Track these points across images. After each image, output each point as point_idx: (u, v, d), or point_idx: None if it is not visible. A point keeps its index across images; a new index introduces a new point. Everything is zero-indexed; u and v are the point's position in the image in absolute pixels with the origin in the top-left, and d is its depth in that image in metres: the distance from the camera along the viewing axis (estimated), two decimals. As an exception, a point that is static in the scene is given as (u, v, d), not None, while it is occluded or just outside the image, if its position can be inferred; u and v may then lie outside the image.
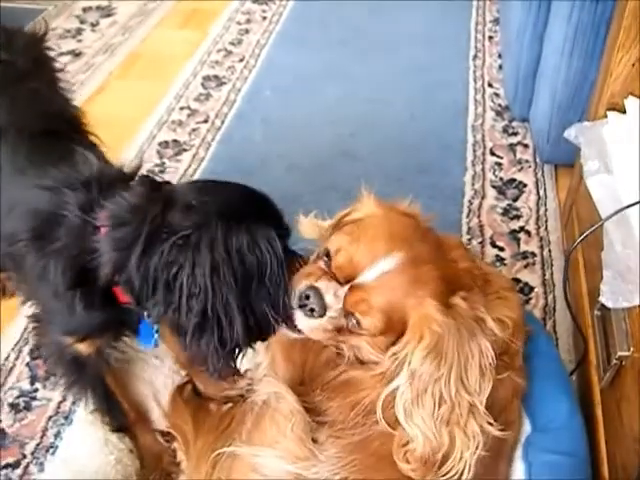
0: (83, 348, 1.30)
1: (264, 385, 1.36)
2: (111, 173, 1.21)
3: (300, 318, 1.20)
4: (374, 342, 1.23)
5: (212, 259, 1.04)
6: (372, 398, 1.21)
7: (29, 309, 1.40)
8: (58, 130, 1.41)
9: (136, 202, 1.12)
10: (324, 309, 1.18)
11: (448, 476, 1.15)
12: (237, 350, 1.14)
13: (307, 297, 1.19)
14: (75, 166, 1.21)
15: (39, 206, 1.17)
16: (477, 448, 1.14)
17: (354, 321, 1.20)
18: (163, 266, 1.06)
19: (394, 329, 1.20)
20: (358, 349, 1.26)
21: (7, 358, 1.71)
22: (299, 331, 1.22)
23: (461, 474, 1.15)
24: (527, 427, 1.35)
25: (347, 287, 1.19)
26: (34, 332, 1.47)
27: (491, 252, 2.00)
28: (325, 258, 1.24)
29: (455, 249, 1.24)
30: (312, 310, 1.19)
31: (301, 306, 1.19)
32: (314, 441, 1.23)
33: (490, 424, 1.16)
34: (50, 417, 1.58)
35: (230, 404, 1.48)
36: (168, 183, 1.23)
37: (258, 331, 1.13)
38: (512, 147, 2.42)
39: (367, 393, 1.23)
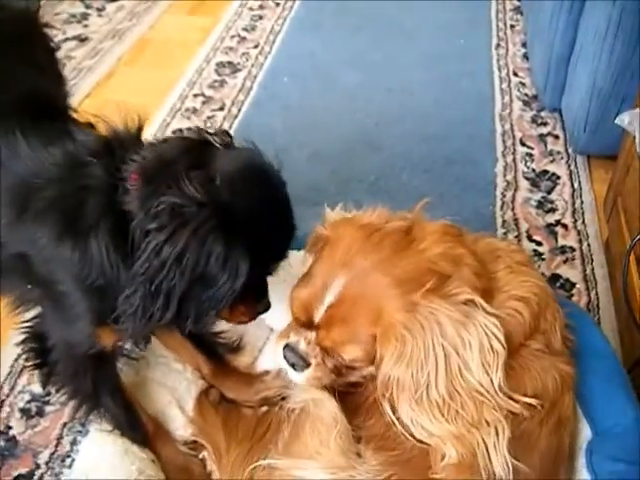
0: (105, 336, 1.19)
1: (300, 392, 1.26)
2: (124, 135, 1.15)
3: (293, 375, 1.20)
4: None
5: (185, 244, 1.00)
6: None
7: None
8: (50, 109, 1.30)
9: (165, 158, 1.08)
10: (304, 359, 1.17)
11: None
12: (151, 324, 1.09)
13: (287, 355, 1.19)
14: (79, 139, 1.15)
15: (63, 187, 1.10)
16: (502, 433, 1.07)
17: (339, 358, 1.15)
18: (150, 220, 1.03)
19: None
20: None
21: (17, 359, 1.58)
22: None
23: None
24: (587, 432, 1.24)
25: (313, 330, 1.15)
26: (31, 345, 1.38)
27: (529, 246, 1.89)
28: None
29: (430, 235, 1.15)
30: (295, 365, 1.18)
31: (290, 365, 1.19)
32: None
33: (514, 400, 1.09)
34: (65, 424, 1.47)
35: (266, 407, 1.38)
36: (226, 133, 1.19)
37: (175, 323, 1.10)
38: (542, 138, 2.30)
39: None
